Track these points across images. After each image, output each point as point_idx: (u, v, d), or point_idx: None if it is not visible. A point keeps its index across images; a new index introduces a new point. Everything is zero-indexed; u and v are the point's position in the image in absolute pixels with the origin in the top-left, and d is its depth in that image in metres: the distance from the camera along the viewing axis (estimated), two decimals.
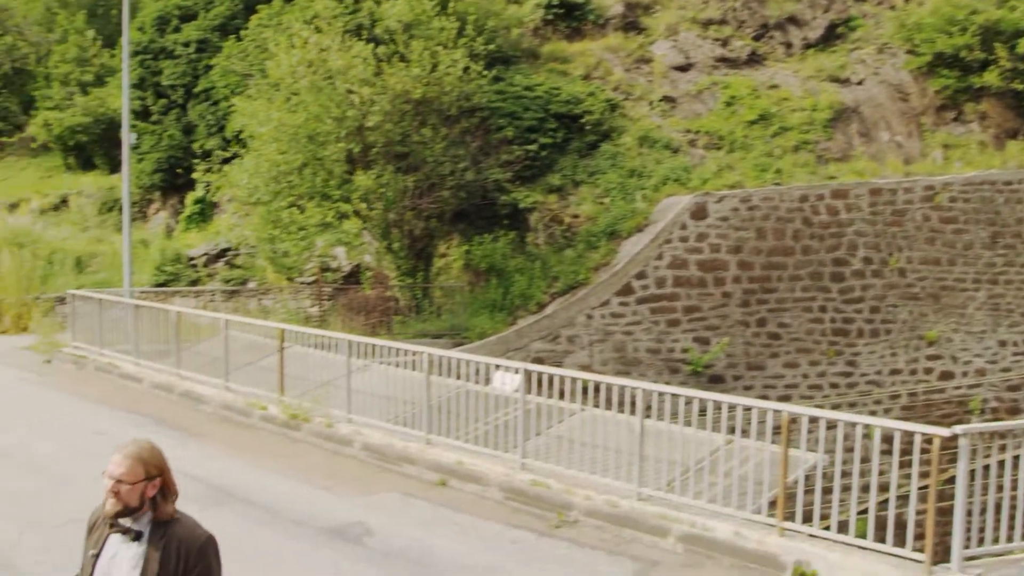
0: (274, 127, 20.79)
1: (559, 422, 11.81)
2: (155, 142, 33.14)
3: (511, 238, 23.33)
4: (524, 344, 20.09)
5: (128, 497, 4.33)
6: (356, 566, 9.01)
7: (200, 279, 26.76)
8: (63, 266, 28.27)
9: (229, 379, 15.96)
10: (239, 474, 12.07)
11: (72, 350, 20.21)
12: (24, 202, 35.39)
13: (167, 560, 4.33)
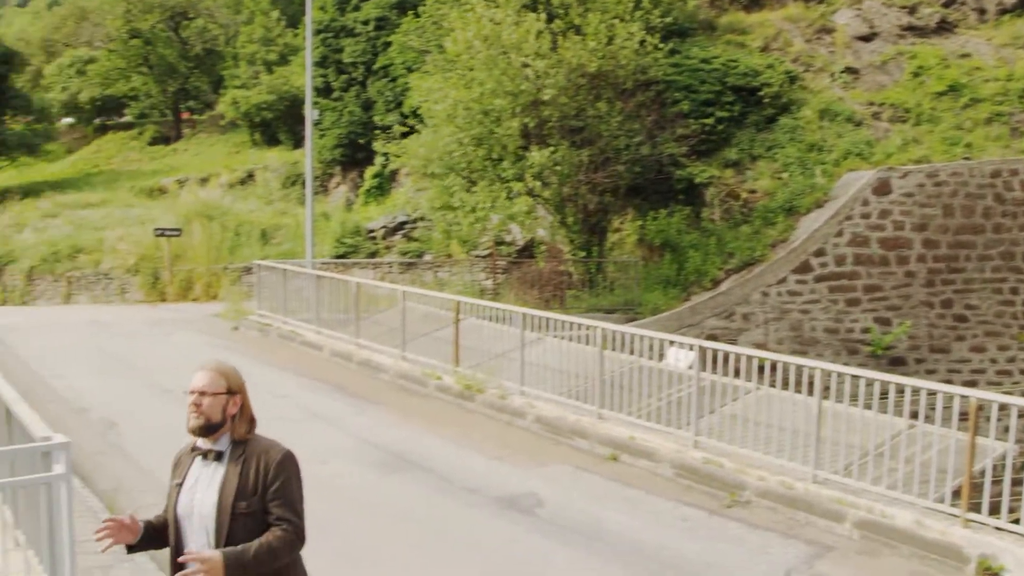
0: (450, 104, 21.09)
1: (733, 400, 11.64)
2: (336, 118, 34.12)
3: (686, 213, 23.07)
4: (698, 321, 19.87)
5: (210, 410, 4.41)
6: (529, 536, 9.12)
7: (378, 251, 27.46)
8: (249, 237, 29.48)
9: (406, 349, 16.35)
10: (415, 442, 12.37)
11: (257, 318, 21.07)
12: (214, 177, 37.05)
13: (247, 473, 4.41)
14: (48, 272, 30.67)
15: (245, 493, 4.37)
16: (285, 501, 4.41)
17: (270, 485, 4.39)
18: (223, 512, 4.37)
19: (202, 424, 4.41)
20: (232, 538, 4.34)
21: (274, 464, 4.42)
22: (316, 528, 9.10)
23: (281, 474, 4.42)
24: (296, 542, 4.44)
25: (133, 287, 28.85)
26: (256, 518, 4.38)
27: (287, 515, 4.40)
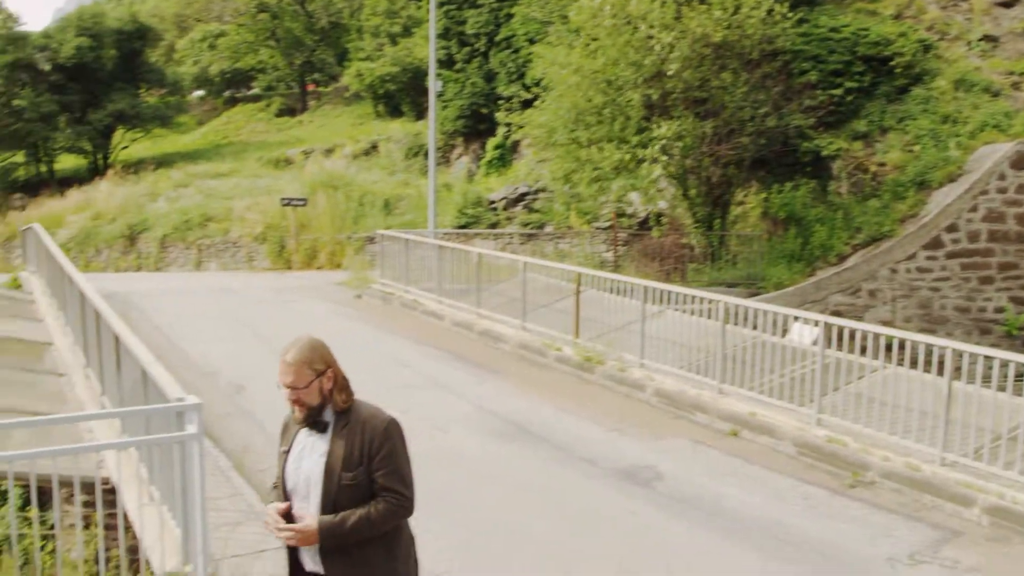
0: (573, 71, 21.02)
1: (858, 378, 11.38)
2: (458, 90, 34.33)
3: (812, 187, 22.59)
4: (822, 296, 19.49)
5: (308, 399, 4.41)
6: (647, 508, 9.11)
7: (499, 222, 27.61)
8: (372, 208, 29.95)
9: (526, 320, 16.43)
10: (534, 411, 12.45)
11: (380, 286, 21.42)
12: (338, 148, 37.69)
13: (352, 444, 4.39)
14: (180, 240, 31.73)
15: (350, 464, 4.37)
16: (390, 471, 4.41)
17: (375, 455, 4.39)
18: (329, 484, 4.40)
19: (306, 415, 4.45)
20: (337, 508, 4.39)
21: (378, 434, 4.41)
22: (435, 494, 9.30)
23: (386, 443, 4.42)
24: (401, 512, 4.46)
25: (260, 255, 29.63)
26: (362, 488, 4.39)
27: (393, 485, 4.41)
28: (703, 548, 8.23)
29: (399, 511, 4.43)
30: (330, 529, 4.33)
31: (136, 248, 32.70)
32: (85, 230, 34.10)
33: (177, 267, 31.27)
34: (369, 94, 42.33)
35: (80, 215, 35.13)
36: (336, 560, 4.43)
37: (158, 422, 7.51)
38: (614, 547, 8.24)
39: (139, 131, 43.39)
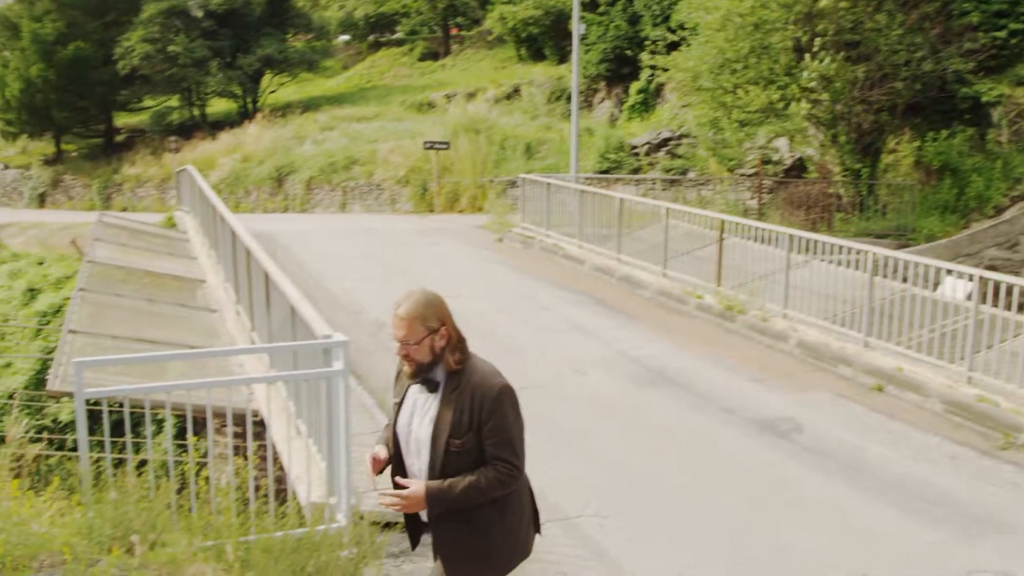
0: (721, 15, 20.55)
1: (1014, 337, 10.93)
2: (601, 33, 33.95)
3: (969, 135, 21.63)
4: (977, 250, 18.74)
5: (419, 356, 4.28)
6: (786, 461, 9.00)
7: (641, 167, 27.36)
8: (514, 151, 30.02)
9: (667, 266, 16.30)
10: (673, 358, 12.39)
11: (520, 230, 21.53)
12: (480, 91, 37.79)
13: (461, 410, 4.25)
14: (325, 182, 32.44)
15: (459, 430, 4.25)
16: (501, 439, 4.27)
17: (485, 422, 4.24)
18: (436, 448, 4.30)
19: (416, 371, 4.33)
20: (445, 471, 4.29)
21: (489, 400, 4.25)
22: (573, 437, 9.40)
23: (497, 410, 4.25)
24: (510, 481, 4.31)
25: (403, 198, 30.09)
26: (471, 455, 4.27)
27: (503, 455, 4.27)
28: (840, 503, 8.09)
29: (508, 480, 4.30)
30: (438, 496, 4.25)
31: (283, 190, 33.60)
32: (235, 172, 35.19)
33: (322, 209, 32.02)
34: (512, 38, 42.23)
35: (230, 157, 36.25)
36: (446, 520, 4.38)
37: (305, 358, 7.76)
38: (748, 496, 8.19)
39: (286, 75, 44.34)
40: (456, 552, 4.43)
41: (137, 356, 8.54)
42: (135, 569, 5.40)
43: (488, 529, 4.39)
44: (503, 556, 4.48)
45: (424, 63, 48.20)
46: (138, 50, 39.18)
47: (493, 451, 4.27)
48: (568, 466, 8.74)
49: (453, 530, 4.39)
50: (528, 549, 4.63)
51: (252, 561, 5.57)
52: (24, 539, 5.45)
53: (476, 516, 4.35)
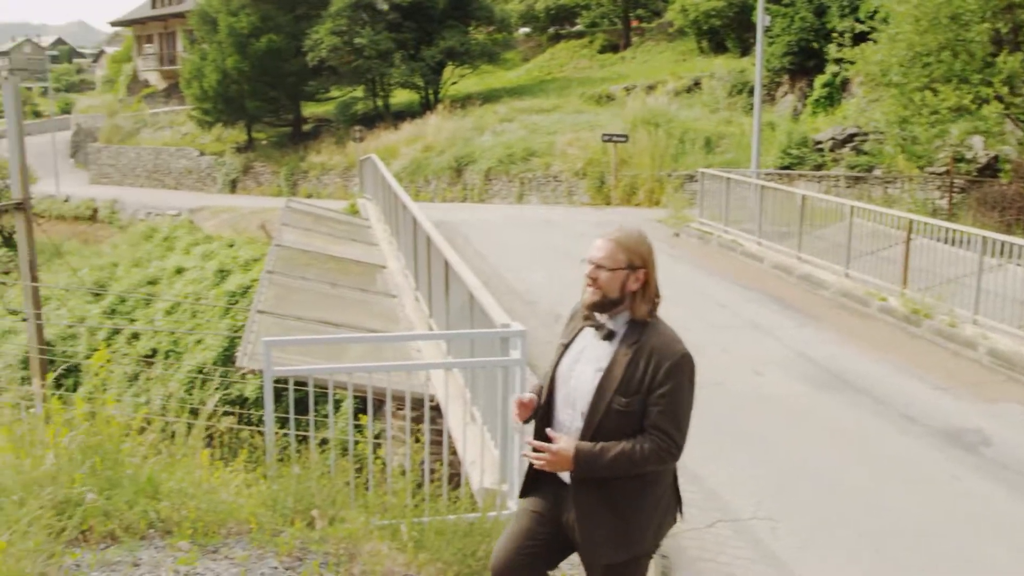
0: (913, 6, 19.72)
1: None
2: (786, 24, 33.11)
3: None
4: None
5: (607, 285, 3.96)
6: (971, 474, 8.60)
7: (824, 164, 26.58)
8: (693, 145, 29.63)
9: (849, 266, 15.81)
10: (852, 361, 12.02)
11: (698, 225, 21.27)
12: (660, 84, 37.43)
13: (635, 366, 3.88)
14: (503, 173, 32.78)
15: (628, 389, 3.89)
16: (668, 410, 3.88)
17: (656, 388, 3.86)
18: (597, 404, 3.95)
19: (598, 300, 3.99)
20: (600, 431, 3.94)
21: (666, 366, 3.86)
22: (748, 435, 9.24)
23: (671, 379, 3.86)
24: (667, 457, 3.93)
25: (580, 190, 30.13)
26: (632, 418, 3.91)
27: (665, 426, 3.89)
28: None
29: (665, 455, 3.91)
30: (587, 459, 3.90)
31: (462, 180, 34.13)
32: (416, 161, 35.96)
33: (500, 199, 32.38)
34: (693, 29, 41.65)
35: (412, 147, 37.07)
36: (584, 490, 4.03)
37: (482, 346, 7.86)
38: (928, 508, 7.87)
39: (467, 67, 44.95)
40: (590, 522, 4.04)
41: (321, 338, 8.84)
42: (315, 542, 5.60)
43: (627, 506, 4.02)
44: (638, 537, 4.07)
45: (604, 55, 48.07)
46: (326, 42, 40.46)
47: (656, 419, 3.88)
48: (741, 466, 8.60)
49: (590, 502, 4.03)
50: (661, 534, 4.22)
51: (425, 542, 5.69)
52: (213, 507, 5.73)
53: (616, 491, 3.99)
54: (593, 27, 52.45)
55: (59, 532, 5.27)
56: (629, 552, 4.06)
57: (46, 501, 5.26)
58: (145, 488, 5.68)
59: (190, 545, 5.46)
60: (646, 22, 50.23)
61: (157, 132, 53.10)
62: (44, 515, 5.19)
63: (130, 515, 5.52)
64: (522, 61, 52.10)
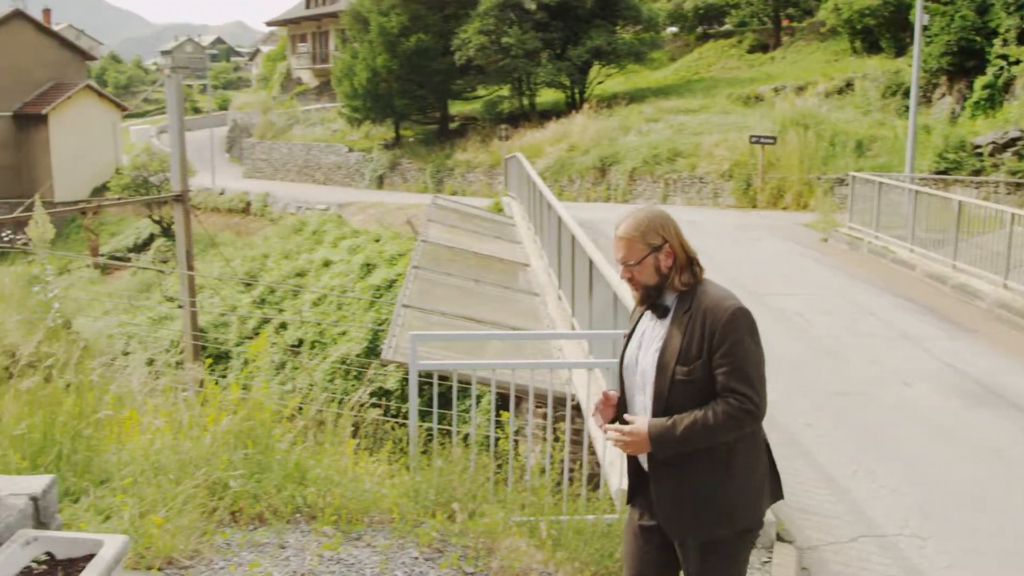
0: None
1: None
2: (945, 23, 31.89)
3: None
4: None
5: (643, 276, 3.89)
6: None
7: (983, 169, 25.53)
8: (844, 148, 28.87)
9: (1008, 276, 15.14)
10: (1010, 376, 11.48)
11: (847, 230, 20.72)
12: (811, 85, 36.61)
13: (690, 336, 3.78)
14: (648, 173, 32.57)
15: (687, 357, 3.78)
16: (734, 368, 3.72)
17: (716, 349, 3.73)
18: (661, 377, 3.83)
19: (643, 295, 3.95)
20: (672, 404, 3.81)
21: (721, 324, 3.75)
22: (894, 450, 8.93)
23: (730, 335, 3.73)
24: (746, 418, 3.73)
25: (725, 192, 29.72)
26: (698, 385, 3.77)
27: (736, 385, 3.71)
28: None
29: (742, 416, 3.71)
30: (661, 435, 3.76)
31: (606, 180, 34.04)
32: (560, 160, 36.04)
33: (643, 200, 32.16)
34: (846, 29, 40.56)
35: (556, 146, 37.16)
36: (665, 469, 3.89)
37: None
38: None
39: (614, 67, 44.78)
40: (673, 507, 3.90)
41: (466, 334, 8.93)
42: (455, 535, 5.66)
43: (711, 483, 3.84)
44: (726, 517, 3.87)
45: (753, 55, 47.27)
46: (474, 42, 40.91)
47: (724, 381, 3.73)
48: (887, 480, 8.31)
49: (672, 481, 3.88)
50: (760, 517, 3.99)
51: (563, 541, 5.69)
52: (358, 495, 5.85)
53: (699, 467, 3.83)
54: (742, 26, 51.64)
55: (211, 512, 5.46)
56: (716, 531, 3.89)
57: (200, 481, 5.45)
58: (293, 474, 5.84)
59: (334, 531, 5.59)
60: (797, 21, 49.15)
61: (308, 128, 54.58)
62: (198, 494, 5.38)
63: (278, 499, 5.69)
64: (669, 61, 51.66)
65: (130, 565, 4.88)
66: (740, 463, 3.86)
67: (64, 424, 5.61)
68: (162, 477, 5.47)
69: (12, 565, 3.87)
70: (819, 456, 8.73)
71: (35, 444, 5.44)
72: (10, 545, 3.94)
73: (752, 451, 3.92)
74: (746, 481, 3.90)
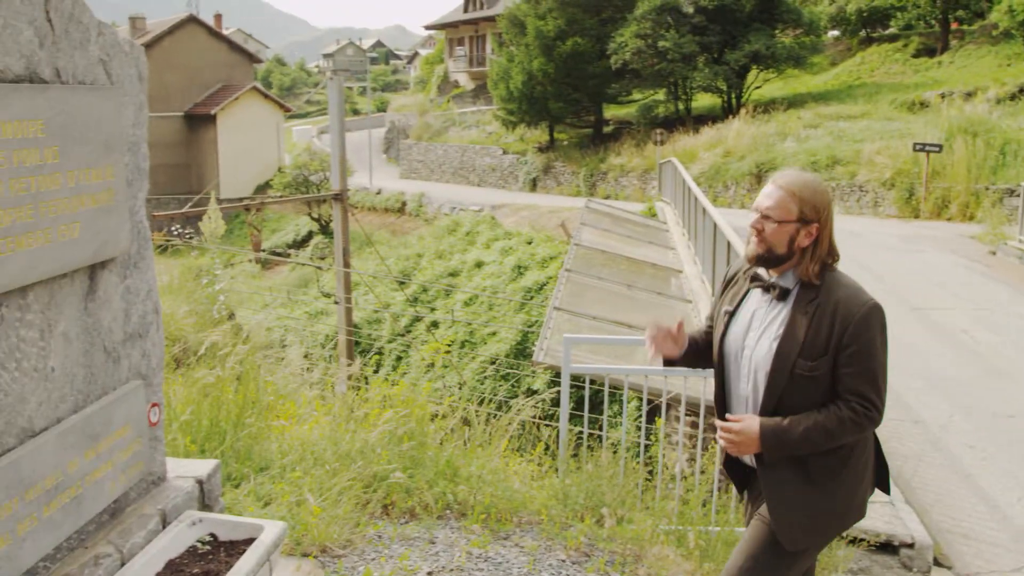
0: None
1: None
2: None
3: None
4: None
5: (774, 238, 3.57)
6: None
7: None
8: (1015, 157, 27.58)
9: None
10: None
11: (1018, 244, 19.79)
12: (980, 90, 35.16)
13: (818, 325, 3.48)
14: None
15: (811, 352, 3.48)
16: (862, 370, 3.45)
17: (845, 347, 3.45)
18: (779, 370, 3.53)
19: (761, 254, 3.62)
20: (784, 401, 3.54)
21: (854, 320, 3.46)
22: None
23: (864, 333, 3.45)
24: (869, 425, 3.50)
25: (886, 201, 28.79)
26: (819, 384, 3.50)
27: (862, 388, 3.46)
28: None
29: (866, 424, 3.49)
30: (775, 436, 3.49)
31: (762, 186, 33.30)
32: (715, 166, 35.57)
33: None
34: (1021, 32, 38.85)
35: (711, 152, 36.70)
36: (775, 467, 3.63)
37: None
38: None
39: (772, 71, 43.94)
40: (784, 505, 3.62)
41: (619, 339, 8.90)
42: (603, 540, 5.64)
43: (826, 482, 3.60)
44: (838, 515, 3.67)
45: (918, 59, 45.69)
46: (630, 45, 40.75)
47: (851, 383, 3.47)
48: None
49: (783, 480, 3.62)
50: (863, 510, 3.76)
51: (711, 552, 5.61)
52: (507, 495, 5.89)
53: (813, 465, 3.58)
54: (907, 30, 49.95)
55: (365, 504, 5.59)
56: (828, 535, 3.73)
57: (355, 474, 5.58)
58: (445, 471, 5.93)
59: (482, 529, 5.65)
60: (966, 24, 47.28)
61: (464, 131, 55.36)
62: (353, 487, 5.51)
63: (429, 495, 5.78)
64: (830, 65, 50.39)
65: (286, 551, 5.03)
66: (857, 462, 3.66)
67: (228, 412, 5.83)
68: (319, 467, 5.63)
69: (179, 543, 4.04)
70: (982, 480, 8.36)
71: (202, 430, 5.67)
72: (177, 524, 4.12)
73: (867, 448, 3.71)
74: (860, 480, 3.69)
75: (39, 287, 3.33)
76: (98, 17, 3.62)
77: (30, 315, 3.29)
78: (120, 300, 3.90)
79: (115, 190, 3.69)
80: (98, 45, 3.66)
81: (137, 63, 3.97)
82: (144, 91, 4.01)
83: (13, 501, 3.19)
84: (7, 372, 3.18)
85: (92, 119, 3.52)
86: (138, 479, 4.09)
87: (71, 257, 3.43)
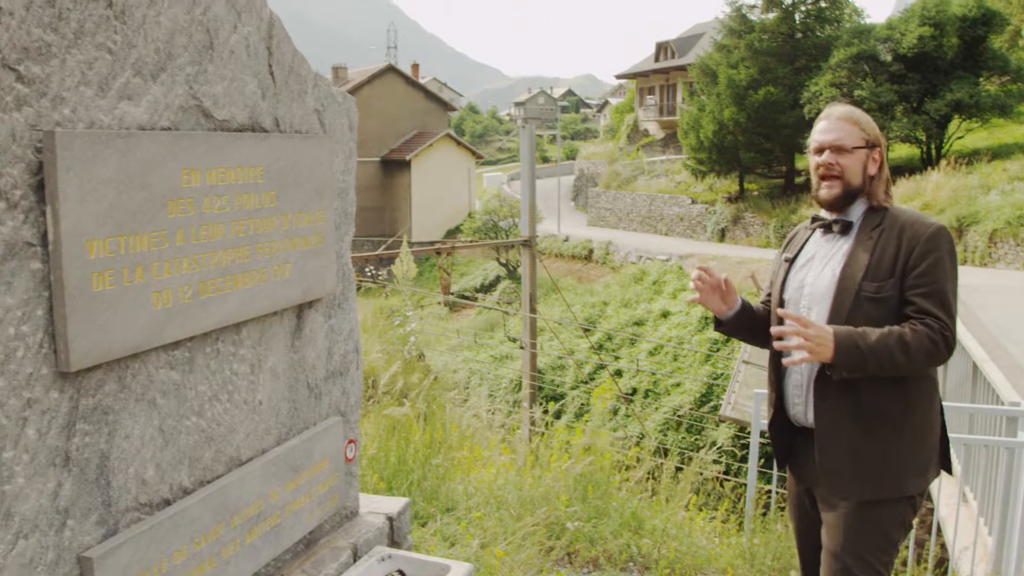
0: None
1: None
2: None
3: None
4: None
5: (850, 171, 3.49)
6: None
7: None
8: None
9: None
10: None
11: None
12: None
13: (882, 250, 3.35)
14: (1011, 236, 30.32)
15: (878, 272, 3.35)
16: (932, 290, 3.28)
17: (913, 267, 3.31)
18: (844, 290, 3.39)
19: (839, 193, 3.53)
20: (850, 323, 3.34)
21: (922, 239, 3.32)
22: None
23: (932, 252, 3.30)
24: (941, 346, 3.24)
25: None
26: (887, 306, 3.33)
27: (932, 308, 3.26)
28: None
29: (939, 343, 3.23)
30: (849, 342, 3.21)
31: (963, 241, 32.03)
32: None
33: (1004, 264, 29.99)
34: None
35: (909, 204, 35.42)
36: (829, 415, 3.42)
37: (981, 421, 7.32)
38: None
39: (975, 121, 42.17)
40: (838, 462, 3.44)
41: None
42: None
43: (884, 444, 3.38)
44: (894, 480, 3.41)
45: None
46: (824, 94, 39.91)
47: (921, 303, 3.28)
48: None
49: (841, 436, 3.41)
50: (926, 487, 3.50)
51: None
52: (692, 551, 5.80)
53: (871, 425, 3.37)
54: None
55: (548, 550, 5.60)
56: (882, 491, 3.42)
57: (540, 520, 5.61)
58: (629, 522, 5.88)
59: None
60: None
61: (652, 180, 55.29)
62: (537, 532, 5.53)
63: (614, 545, 5.75)
64: None
65: None
66: (916, 427, 3.41)
67: (416, 451, 5.96)
68: (504, 511, 5.67)
69: None
70: None
71: (390, 467, 5.82)
72: (368, 559, 4.23)
73: (928, 418, 3.47)
74: (920, 447, 3.43)
75: (252, 324, 3.51)
76: None
77: (243, 350, 3.47)
78: (324, 339, 4.07)
79: (324, 233, 3.86)
80: (314, 96, 3.86)
81: (348, 113, 4.16)
82: (354, 139, 4.20)
83: (219, 526, 3.35)
84: (220, 403, 3.36)
85: (306, 166, 3.70)
86: (332, 512, 4.23)
87: (282, 296, 3.60)
